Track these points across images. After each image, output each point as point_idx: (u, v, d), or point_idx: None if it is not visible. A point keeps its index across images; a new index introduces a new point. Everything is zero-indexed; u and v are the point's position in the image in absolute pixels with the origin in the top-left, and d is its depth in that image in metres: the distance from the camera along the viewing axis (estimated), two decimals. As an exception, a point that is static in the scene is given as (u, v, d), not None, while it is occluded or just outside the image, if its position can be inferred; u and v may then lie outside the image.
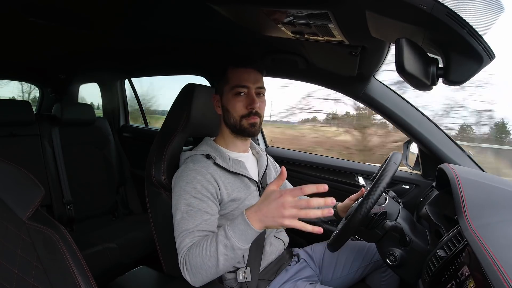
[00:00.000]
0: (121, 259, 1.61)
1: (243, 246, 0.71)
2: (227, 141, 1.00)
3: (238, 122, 0.94)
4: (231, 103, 0.94)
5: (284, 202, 0.65)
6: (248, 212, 0.71)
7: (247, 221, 0.69)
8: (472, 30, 0.50)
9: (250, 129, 0.95)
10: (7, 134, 1.79)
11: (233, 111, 0.94)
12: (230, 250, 0.71)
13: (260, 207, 0.69)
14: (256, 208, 0.70)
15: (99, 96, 2.54)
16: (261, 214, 0.68)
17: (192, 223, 0.81)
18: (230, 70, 0.96)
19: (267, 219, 0.68)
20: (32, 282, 0.59)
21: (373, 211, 0.86)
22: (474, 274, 0.57)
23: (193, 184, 0.85)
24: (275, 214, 0.66)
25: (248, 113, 0.93)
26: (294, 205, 0.65)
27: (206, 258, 0.73)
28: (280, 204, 0.66)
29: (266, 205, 0.68)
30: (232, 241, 0.71)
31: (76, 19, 1.16)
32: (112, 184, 2.17)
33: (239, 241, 0.70)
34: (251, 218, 0.69)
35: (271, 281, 0.97)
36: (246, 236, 0.70)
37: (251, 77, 0.94)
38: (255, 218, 0.69)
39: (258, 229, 0.69)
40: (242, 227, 0.70)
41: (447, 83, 0.59)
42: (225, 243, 0.71)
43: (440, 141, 1.24)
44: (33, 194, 0.69)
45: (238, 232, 0.71)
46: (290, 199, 0.65)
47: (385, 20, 0.62)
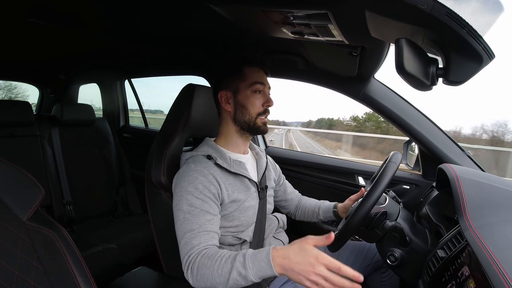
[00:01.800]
0: (121, 260, 1.60)
1: (256, 280, 0.71)
2: (228, 141, 1.00)
3: (254, 119, 0.97)
4: (249, 100, 0.96)
5: (316, 268, 0.64)
6: (274, 253, 0.69)
7: (270, 263, 0.68)
8: (471, 30, 0.50)
9: (264, 127, 0.99)
10: (7, 135, 1.79)
11: (251, 108, 0.96)
12: (243, 279, 0.71)
13: (290, 257, 0.67)
14: (285, 255, 0.68)
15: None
16: (287, 264, 0.67)
17: (196, 223, 0.81)
18: (246, 68, 0.98)
19: (291, 272, 0.66)
20: (32, 283, 0.59)
21: (373, 211, 0.86)
22: (474, 274, 0.57)
23: (195, 184, 0.85)
24: (301, 273, 0.65)
25: (264, 110, 0.97)
26: (325, 276, 0.63)
27: (216, 275, 0.72)
28: (311, 267, 0.64)
29: (297, 259, 0.66)
30: (248, 273, 0.70)
31: (76, 20, 1.16)
32: (112, 185, 2.17)
33: (254, 276, 0.70)
34: (275, 261, 0.68)
35: (271, 281, 0.97)
36: (263, 273, 0.69)
37: (265, 77, 1.00)
38: (280, 263, 0.68)
39: (277, 273, 0.68)
40: (263, 264, 0.69)
41: (447, 83, 0.59)
42: (240, 272, 0.70)
43: (440, 141, 1.24)
44: (33, 195, 0.69)
45: (257, 267, 0.69)
46: (323, 269, 0.64)
47: (385, 20, 0.62)
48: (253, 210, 0.97)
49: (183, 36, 1.27)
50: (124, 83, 2.49)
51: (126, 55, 1.77)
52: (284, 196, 1.24)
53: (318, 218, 1.19)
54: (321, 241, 0.68)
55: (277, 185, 1.21)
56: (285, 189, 1.24)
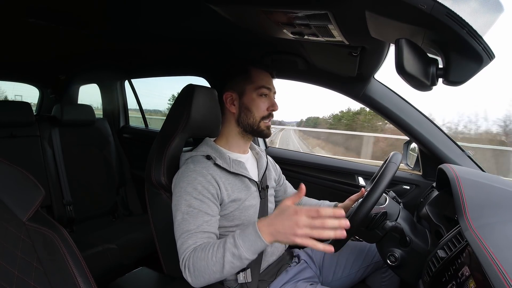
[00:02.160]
0: (121, 260, 1.60)
1: (250, 256, 0.71)
2: (229, 141, 1.01)
3: (257, 122, 0.97)
4: (255, 103, 0.97)
5: (298, 221, 0.65)
6: (260, 224, 0.70)
7: (258, 233, 0.69)
8: (471, 30, 0.50)
9: (267, 131, 1.00)
10: (7, 135, 1.79)
11: (256, 111, 0.97)
12: (237, 259, 0.71)
13: (274, 222, 0.69)
14: (269, 222, 0.70)
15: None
16: (273, 228, 0.68)
17: (194, 224, 0.81)
18: (254, 70, 0.98)
19: (279, 235, 0.67)
20: (32, 283, 0.59)
21: (373, 211, 0.86)
22: (475, 274, 0.57)
23: (193, 185, 0.85)
24: (288, 231, 0.66)
25: (268, 114, 0.98)
26: (308, 224, 0.65)
27: (211, 263, 0.72)
28: (294, 222, 0.65)
29: (280, 220, 0.68)
30: (241, 251, 0.70)
31: (76, 20, 1.16)
32: (112, 185, 2.17)
33: (247, 252, 0.70)
34: (262, 230, 0.69)
35: (271, 282, 0.97)
36: (255, 247, 0.70)
37: (271, 81, 1.00)
38: (267, 231, 0.69)
39: (268, 242, 0.69)
40: (252, 238, 0.70)
41: (447, 83, 0.59)
42: (233, 252, 0.71)
43: (440, 141, 1.25)
44: (33, 195, 0.69)
45: (247, 243, 0.70)
46: (304, 218, 0.65)
47: (385, 20, 0.62)
48: (254, 209, 0.97)
49: (183, 37, 1.27)
50: (124, 84, 2.49)
51: (126, 55, 1.77)
52: (284, 196, 1.24)
53: None
54: (296, 197, 0.71)
55: (278, 185, 1.21)
56: (285, 189, 1.24)
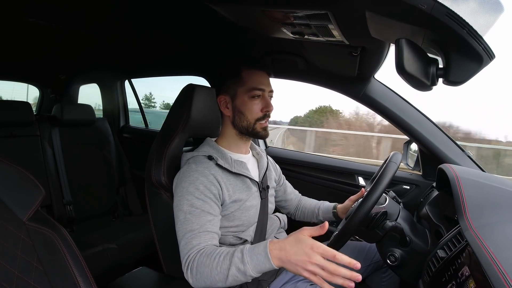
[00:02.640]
0: (121, 260, 1.60)
1: (255, 275, 0.71)
2: (229, 142, 1.00)
3: (252, 125, 0.95)
4: (247, 106, 0.94)
5: (312, 257, 0.64)
6: (272, 247, 0.69)
7: (268, 256, 0.68)
8: (472, 30, 0.50)
9: (263, 132, 0.97)
10: (7, 135, 1.79)
11: (249, 114, 0.94)
12: (242, 274, 0.71)
13: (287, 249, 0.68)
14: (282, 247, 0.68)
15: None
16: (284, 255, 0.67)
17: (197, 223, 0.81)
18: (244, 72, 0.95)
19: (289, 263, 0.66)
20: (32, 283, 0.59)
21: (373, 211, 0.86)
22: (474, 274, 0.57)
23: (195, 185, 0.85)
24: (298, 262, 0.65)
25: (263, 116, 0.95)
26: (321, 264, 0.64)
27: (215, 272, 0.72)
28: (307, 257, 0.64)
29: (293, 250, 0.67)
30: (247, 268, 0.70)
31: (76, 20, 1.16)
32: (112, 185, 2.17)
33: (253, 270, 0.70)
34: (273, 253, 0.68)
35: (271, 282, 0.97)
36: (262, 267, 0.69)
37: (266, 81, 0.96)
38: (277, 255, 0.68)
39: (276, 266, 0.68)
40: (261, 258, 0.69)
41: (447, 83, 0.59)
42: (239, 267, 0.70)
43: (440, 141, 1.24)
44: (33, 195, 0.69)
45: (255, 261, 0.70)
46: (319, 258, 0.64)
47: (385, 20, 0.62)
48: (254, 209, 0.97)
49: (183, 36, 1.27)
50: (124, 83, 2.49)
51: (126, 55, 1.77)
52: (284, 196, 1.24)
53: (318, 219, 1.19)
54: (316, 231, 0.69)
55: (278, 185, 1.21)
56: (285, 189, 1.24)
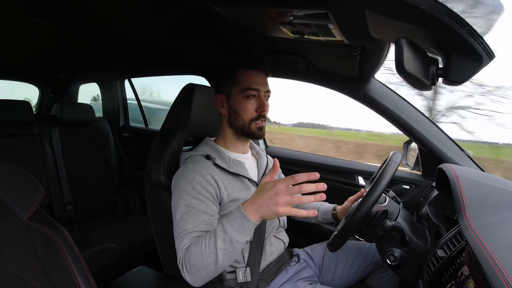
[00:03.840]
0: (121, 259, 1.60)
1: (241, 239, 0.72)
2: (228, 142, 1.00)
3: (247, 125, 0.94)
4: (241, 106, 0.93)
5: (277, 191, 0.67)
6: (244, 205, 0.72)
7: (243, 214, 0.71)
8: (471, 30, 0.50)
9: (259, 132, 0.96)
10: (7, 134, 1.79)
11: (243, 114, 0.94)
12: (228, 244, 0.72)
13: (256, 199, 0.71)
14: (252, 200, 0.71)
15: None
16: (256, 204, 0.70)
17: (191, 223, 0.81)
18: (240, 72, 0.94)
19: (263, 209, 0.69)
20: (32, 282, 0.59)
21: (373, 210, 0.86)
22: (474, 274, 0.57)
23: (192, 184, 0.85)
24: (269, 203, 0.68)
25: (257, 116, 0.94)
26: (287, 192, 0.67)
27: (205, 255, 0.73)
28: (274, 192, 0.67)
29: (261, 195, 0.70)
30: (230, 234, 0.71)
31: (76, 20, 1.16)
32: (112, 184, 2.17)
33: (237, 234, 0.71)
34: (247, 210, 0.71)
35: (271, 281, 0.97)
36: (244, 228, 0.71)
37: (261, 80, 0.95)
38: (251, 209, 0.70)
39: (254, 220, 0.71)
40: (239, 220, 0.71)
41: (447, 83, 0.59)
42: (224, 237, 0.72)
43: (440, 141, 1.24)
44: (33, 195, 0.69)
45: (235, 225, 0.71)
46: (282, 187, 0.67)
47: (385, 20, 0.62)
48: None
49: (183, 36, 1.27)
50: (124, 83, 2.49)
51: (126, 54, 1.77)
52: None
53: (317, 220, 1.19)
54: (272, 172, 0.74)
55: (277, 185, 1.21)
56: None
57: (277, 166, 0.74)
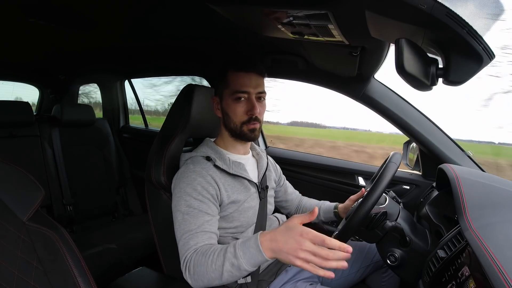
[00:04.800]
0: (121, 260, 1.60)
1: (250, 269, 0.70)
2: (227, 143, 1.00)
3: (238, 127, 0.93)
4: (231, 108, 0.92)
5: (302, 244, 0.63)
6: (262, 238, 0.69)
7: (259, 247, 0.68)
8: (472, 30, 0.50)
9: (250, 134, 0.93)
10: (7, 135, 1.79)
11: (233, 117, 0.92)
12: (236, 269, 0.71)
13: (277, 238, 0.67)
14: (272, 237, 0.68)
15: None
16: (275, 245, 0.66)
17: (194, 224, 0.81)
18: (230, 74, 0.92)
19: (281, 253, 0.66)
20: (32, 283, 0.59)
21: (373, 211, 0.86)
22: (475, 274, 0.57)
23: (193, 185, 0.85)
24: (290, 251, 0.64)
25: (248, 119, 0.91)
26: (312, 250, 0.63)
27: (211, 270, 0.72)
28: (298, 244, 0.63)
29: (283, 238, 0.66)
30: (240, 262, 0.70)
31: (76, 20, 1.16)
32: (112, 185, 2.17)
33: (247, 264, 0.70)
34: (264, 245, 0.68)
35: (271, 282, 0.97)
36: (255, 260, 0.69)
37: (252, 82, 0.91)
38: (268, 246, 0.67)
39: (269, 258, 0.68)
40: (253, 251, 0.69)
41: (447, 83, 0.59)
42: (233, 262, 0.70)
43: (440, 141, 1.24)
44: (33, 195, 0.69)
45: (248, 255, 0.69)
46: (309, 244, 0.63)
47: (385, 20, 0.62)
48: (253, 210, 0.97)
49: (183, 36, 1.27)
50: (124, 83, 2.49)
51: (126, 55, 1.77)
52: (284, 197, 1.24)
53: (319, 219, 1.19)
54: (306, 217, 0.68)
55: (278, 186, 1.21)
56: (285, 189, 1.24)
57: (314, 215, 0.67)
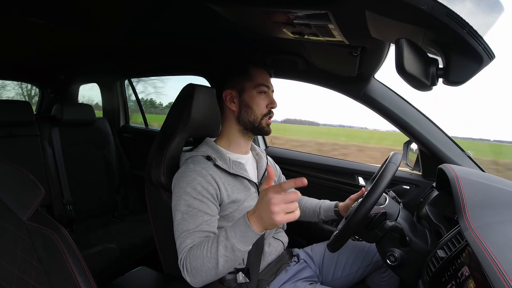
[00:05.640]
0: (121, 259, 1.60)
1: (242, 248, 0.71)
2: (230, 141, 1.00)
3: (259, 120, 0.98)
4: (255, 100, 0.97)
5: (271, 200, 0.65)
6: (249, 214, 0.71)
7: (247, 223, 0.70)
8: (472, 30, 0.50)
9: (267, 128, 1.00)
10: (7, 135, 1.79)
11: (256, 108, 0.97)
12: (230, 251, 0.71)
13: (256, 208, 0.70)
14: (254, 209, 0.71)
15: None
16: (257, 215, 0.69)
17: (193, 223, 0.81)
18: (253, 68, 0.99)
19: (263, 220, 0.68)
20: (32, 282, 0.59)
21: (373, 211, 0.86)
22: (474, 274, 0.57)
23: (193, 185, 0.85)
24: (268, 214, 0.66)
25: (268, 111, 0.99)
26: (281, 200, 0.65)
27: (207, 259, 0.73)
28: (268, 202, 0.66)
29: (260, 206, 0.69)
30: (232, 242, 0.71)
31: (76, 20, 1.16)
32: (112, 185, 2.17)
33: (239, 243, 0.71)
34: (251, 219, 0.70)
35: (271, 281, 0.97)
36: (246, 238, 0.71)
37: (269, 79, 1.02)
38: (254, 219, 0.70)
39: (257, 231, 0.70)
40: (242, 228, 0.71)
41: (447, 83, 0.59)
42: (225, 244, 0.71)
43: (440, 141, 1.24)
44: (33, 195, 0.69)
45: (238, 233, 0.71)
46: (274, 195, 0.66)
47: (385, 20, 0.62)
48: None
49: (183, 36, 1.27)
50: (124, 83, 2.49)
51: (126, 55, 1.77)
52: (284, 196, 1.24)
53: (319, 218, 1.19)
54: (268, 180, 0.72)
55: (277, 186, 1.21)
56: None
57: (271, 174, 0.73)
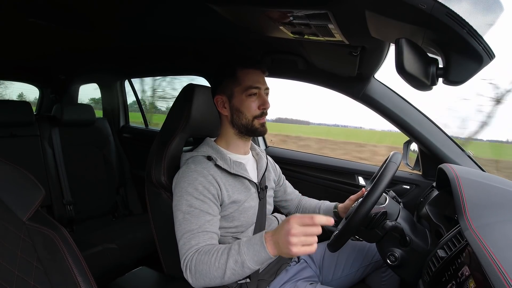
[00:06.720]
0: (121, 260, 1.60)
1: (253, 266, 0.71)
2: (229, 143, 1.00)
3: (251, 122, 0.95)
4: (245, 104, 0.94)
5: (291, 229, 0.64)
6: (267, 234, 0.70)
7: (263, 243, 0.69)
8: (472, 30, 0.50)
9: (262, 129, 0.97)
10: (7, 135, 1.79)
11: (247, 112, 0.95)
12: (239, 266, 0.71)
13: (275, 232, 0.69)
14: (273, 232, 0.70)
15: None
16: (275, 239, 0.68)
17: (195, 223, 0.81)
18: (240, 71, 0.95)
19: (279, 246, 0.68)
20: (32, 283, 0.59)
21: (373, 211, 0.86)
22: (475, 274, 0.57)
23: (194, 185, 0.85)
24: (285, 242, 0.66)
25: (260, 113, 0.95)
26: (302, 232, 0.64)
27: (214, 268, 0.73)
28: (287, 231, 0.65)
29: (279, 231, 0.68)
30: (243, 258, 0.70)
31: (76, 20, 1.16)
32: (112, 185, 2.17)
33: (250, 260, 0.70)
34: (267, 241, 0.69)
35: (271, 281, 0.97)
36: (259, 257, 0.70)
37: (261, 79, 0.96)
38: (270, 242, 0.69)
39: (271, 254, 0.69)
40: (257, 247, 0.70)
41: (447, 83, 0.59)
42: (236, 259, 0.71)
43: (440, 141, 1.24)
44: (33, 195, 0.69)
45: (251, 251, 0.70)
46: (297, 227, 0.64)
47: (385, 20, 0.62)
48: (253, 210, 0.97)
49: (183, 36, 1.27)
50: (124, 83, 2.49)
51: (126, 55, 1.77)
52: (284, 197, 1.24)
53: None
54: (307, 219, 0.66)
55: (277, 186, 1.21)
56: (285, 189, 1.24)
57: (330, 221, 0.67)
